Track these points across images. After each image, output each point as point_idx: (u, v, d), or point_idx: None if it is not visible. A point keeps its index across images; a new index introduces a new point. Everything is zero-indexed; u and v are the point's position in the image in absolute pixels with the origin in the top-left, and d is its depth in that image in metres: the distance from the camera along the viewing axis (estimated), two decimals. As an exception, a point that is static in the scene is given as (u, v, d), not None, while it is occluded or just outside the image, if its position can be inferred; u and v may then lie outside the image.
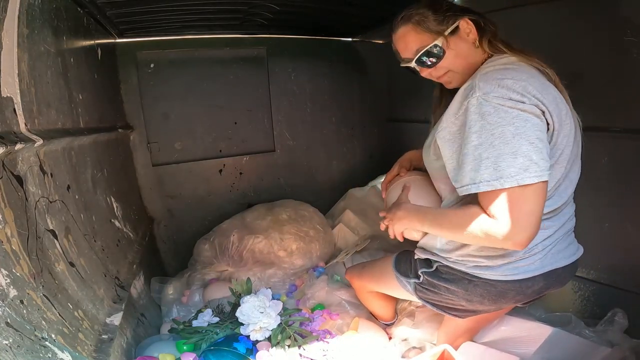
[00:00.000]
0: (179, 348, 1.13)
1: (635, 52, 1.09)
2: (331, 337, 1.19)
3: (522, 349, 1.15)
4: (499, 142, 0.74)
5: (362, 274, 1.24)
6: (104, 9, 1.38)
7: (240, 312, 1.18)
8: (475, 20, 0.87)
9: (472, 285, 0.94)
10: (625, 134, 1.16)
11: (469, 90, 0.79)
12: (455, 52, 0.88)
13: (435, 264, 0.99)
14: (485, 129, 0.75)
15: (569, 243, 0.96)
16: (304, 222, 1.83)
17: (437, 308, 1.04)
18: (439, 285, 0.99)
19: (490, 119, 0.74)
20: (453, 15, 0.86)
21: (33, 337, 0.64)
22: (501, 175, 0.73)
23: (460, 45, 0.88)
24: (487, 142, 0.75)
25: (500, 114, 0.74)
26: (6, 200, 0.69)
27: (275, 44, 2.09)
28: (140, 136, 1.91)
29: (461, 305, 0.99)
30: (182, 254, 1.94)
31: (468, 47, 0.88)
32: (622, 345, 1.08)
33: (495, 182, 0.74)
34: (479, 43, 0.87)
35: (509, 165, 0.73)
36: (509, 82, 0.75)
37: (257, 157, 2.17)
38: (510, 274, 0.90)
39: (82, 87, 1.23)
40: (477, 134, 0.76)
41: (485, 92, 0.76)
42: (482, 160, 0.75)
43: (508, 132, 0.73)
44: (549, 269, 0.90)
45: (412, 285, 1.05)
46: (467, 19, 0.86)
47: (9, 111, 0.75)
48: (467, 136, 0.78)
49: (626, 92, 1.14)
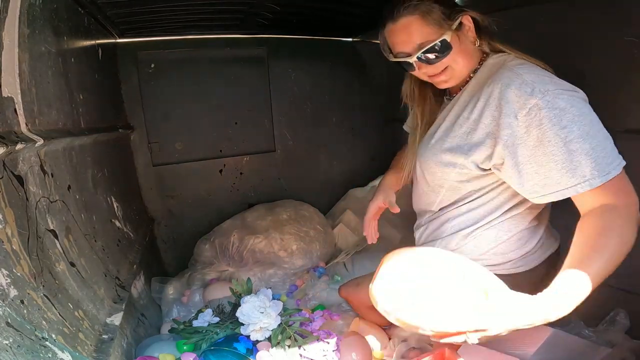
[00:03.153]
0: (179, 348, 1.13)
1: (635, 52, 1.09)
2: (331, 337, 1.19)
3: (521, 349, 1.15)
4: (594, 131, 0.71)
5: (358, 291, 1.18)
6: (105, 9, 1.38)
7: (240, 312, 1.18)
8: (475, 18, 0.85)
9: None
10: (625, 134, 1.15)
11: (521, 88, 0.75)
12: (459, 49, 0.85)
13: None
14: (575, 122, 0.71)
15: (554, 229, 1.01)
16: (305, 222, 1.84)
17: None
18: None
19: (574, 111, 0.71)
20: (459, 10, 0.84)
21: (33, 337, 0.64)
22: (613, 160, 0.71)
23: (464, 42, 0.85)
24: (584, 133, 0.70)
25: (575, 104, 0.72)
26: (7, 200, 0.69)
27: (275, 44, 2.09)
28: (141, 136, 1.91)
29: None
30: (183, 254, 1.94)
31: (469, 44, 0.86)
32: (622, 345, 1.08)
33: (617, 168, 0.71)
34: (478, 41, 0.87)
35: (613, 148, 0.72)
36: (554, 78, 0.76)
37: (258, 157, 2.17)
38: (523, 264, 0.91)
39: (82, 87, 1.23)
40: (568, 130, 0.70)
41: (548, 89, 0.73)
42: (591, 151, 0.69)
43: (594, 119, 0.72)
44: (550, 253, 0.95)
45: None
46: (468, 15, 0.84)
47: (10, 111, 0.75)
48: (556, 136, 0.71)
49: (626, 92, 1.14)
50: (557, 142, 0.71)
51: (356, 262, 1.71)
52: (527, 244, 0.93)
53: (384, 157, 2.40)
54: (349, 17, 1.82)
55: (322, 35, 2.17)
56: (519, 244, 0.92)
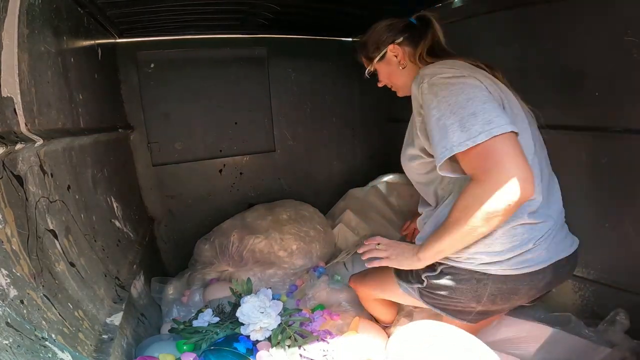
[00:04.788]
0: (179, 348, 1.13)
1: (635, 52, 1.09)
2: (331, 337, 1.19)
3: (522, 349, 1.15)
4: (457, 109, 0.79)
5: (364, 282, 1.22)
6: (105, 9, 1.38)
7: (240, 312, 1.18)
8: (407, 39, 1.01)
9: (481, 285, 0.92)
10: (625, 134, 1.16)
11: (418, 82, 0.88)
12: (387, 72, 1.07)
13: (440, 266, 0.96)
14: (441, 102, 0.81)
15: (566, 232, 1.00)
16: (304, 222, 1.83)
17: (447, 313, 1.01)
18: (446, 287, 0.96)
19: (443, 94, 0.81)
20: (384, 43, 1.03)
21: (33, 337, 0.64)
22: (469, 134, 0.76)
23: (390, 66, 1.05)
24: (446, 112, 0.80)
25: (449, 87, 0.82)
26: (6, 200, 0.69)
27: (275, 44, 2.09)
28: (141, 136, 1.91)
29: (471, 307, 0.97)
30: (182, 254, 1.94)
31: (396, 67, 1.04)
32: (622, 345, 1.08)
33: (468, 142, 0.76)
34: (409, 61, 1.02)
35: (472, 124, 0.77)
36: (447, 67, 0.86)
37: (258, 157, 2.17)
38: (521, 266, 0.89)
39: (82, 87, 1.23)
40: (436, 109, 0.82)
41: (431, 75, 0.85)
42: (447, 127, 0.79)
43: (462, 99, 0.79)
44: (556, 260, 0.92)
45: (417, 291, 1.02)
46: (394, 44, 1.01)
47: (9, 111, 0.75)
48: (427, 116, 0.84)
49: (626, 92, 1.14)
50: (432, 117, 0.82)
51: (356, 262, 1.71)
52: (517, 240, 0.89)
53: (383, 157, 2.40)
54: (349, 17, 1.82)
55: (322, 35, 2.18)
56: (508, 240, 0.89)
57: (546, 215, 0.92)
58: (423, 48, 0.99)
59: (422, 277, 0.99)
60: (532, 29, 1.39)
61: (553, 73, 1.34)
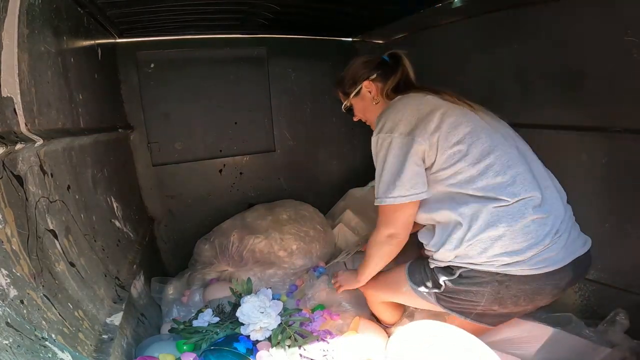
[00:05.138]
0: (179, 348, 1.13)
1: (635, 52, 1.09)
2: (331, 337, 1.19)
3: (522, 349, 1.15)
4: (382, 170, 0.97)
5: (375, 286, 1.21)
6: (104, 9, 1.38)
7: (240, 312, 1.18)
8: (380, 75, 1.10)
9: (503, 287, 0.92)
10: (625, 134, 1.16)
11: (375, 131, 1.02)
12: (361, 107, 1.17)
13: (458, 270, 0.95)
14: (378, 159, 0.99)
15: (578, 232, 1.02)
16: (304, 222, 1.83)
17: (467, 316, 1.00)
18: (466, 291, 0.96)
19: (380, 153, 0.98)
20: (360, 79, 1.12)
21: (33, 337, 0.64)
22: (377, 195, 0.99)
23: (364, 102, 1.15)
24: (378, 169, 0.99)
25: (383, 149, 0.97)
26: (6, 200, 0.69)
27: (275, 44, 2.09)
28: (141, 136, 1.91)
29: (493, 309, 0.97)
30: (182, 254, 1.94)
31: (370, 103, 1.14)
32: (622, 345, 1.08)
33: (376, 200, 0.99)
34: (380, 97, 1.12)
35: (383, 188, 0.97)
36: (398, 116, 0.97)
37: (257, 157, 2.17)
38: (542, 265, 0.90)
39: (82, 87, 1.23)
40: (375, 163, 1.00)
41: (379, 130, 0.99)
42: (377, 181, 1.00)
43: (387, 164, 0.96)
44: (574, 258, 0.94)
45: (434, 296, 1.01)
46: (368, 81, 1.11)
47: (9, 111, 0.75)
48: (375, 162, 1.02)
49: (626, 92, 1.14)
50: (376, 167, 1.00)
51: (356, 262, 1.70)
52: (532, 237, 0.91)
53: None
54: (349, 17, 1.82)
55: (322, 35, 2.18)
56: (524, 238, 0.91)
57: (549, 210, 0.94)
58: (390, 85, 1.09)
59: (439, 281, 0.98)
60: (531, 29, 1.39)
61: (553, 73, 1.34)
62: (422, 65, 2.02)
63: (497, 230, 0.90)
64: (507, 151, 0.96)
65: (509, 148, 0.98)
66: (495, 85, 1.58)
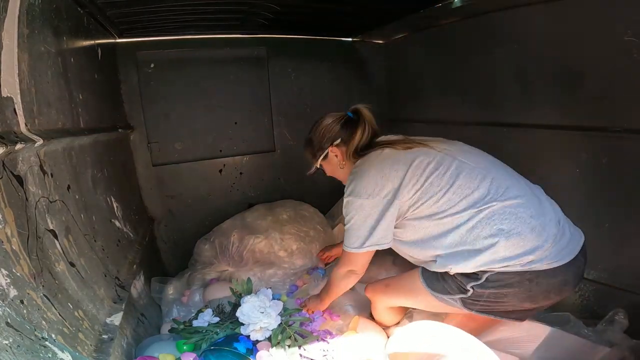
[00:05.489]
0: (179, 348, 1.13)
1: (635, 52, 1.09)
2: (331, 337, 1.19)
3: (520, 349, 1.15)
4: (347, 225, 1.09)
5: (386, 292, 1.21)
6: (104, 9, 1.38)
7: (240, 312, 1.18)
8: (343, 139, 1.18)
9: (534, 284, 0.94)
10: (625, 134, 1.16)
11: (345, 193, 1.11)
12: (330, 169, 1.26)
13: (485, 274, 0.96)
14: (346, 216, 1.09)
15: (573, 224, 1.06)
16: (305, 222, 1.83)
17: (496, 315, 1.02)
18: (496, 293, 0.96)
19: (350, 213, 1.08)
20: (326, 144, 1.20)
21: (33, 337, 0.64)
22: (347, 244, 1.11)
23: (332, 165, 1.24)
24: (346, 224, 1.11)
25: (351, 210, 1.07)
26: (6, 200, 0.69)
27: (275, 44, 2.09)
28: (141, 136, 1.91)
29: (523, 306, 0.99)
30: (182, 254, 1.94)
31: (337, 165, 1.23)
32: (621, 345, 1.08)
33: (344, 247, 1.13)
34: (346, 160, 1.19)
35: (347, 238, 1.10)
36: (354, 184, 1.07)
37: (257, 157, 2.17)
38: (563, 254, 0.94)
39: (82, 87, 1.23)
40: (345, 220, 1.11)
41: (348, 193, 1.08)
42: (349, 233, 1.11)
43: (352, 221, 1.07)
44: (580, 244, 1.00)
45: (459, 301, 1.02)
46: (333, 147, 1.19)
47: (9, 111, 0.75)
48: None
49: (626, 92, 1.14)
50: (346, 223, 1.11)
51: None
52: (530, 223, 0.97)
53: (383, 157, 2.40)
54: (349, 17, 1.82)
55: (322, 35, 2.18)
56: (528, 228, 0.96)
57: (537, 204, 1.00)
58: (353, 147, 1.16)
59: (466, 287, 0.99)
60: (532, 29, 1.39)
61: (553, 73, 1.34)
62: (422, 65, 2.03)
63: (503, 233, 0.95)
64: (473, 168, 1.02)
65: (474, 164, 1.03)
66: (495, 85, 1.58)
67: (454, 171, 1.01)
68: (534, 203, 0.99)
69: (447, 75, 1.84)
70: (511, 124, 1.53)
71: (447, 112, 1.85)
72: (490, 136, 1.63)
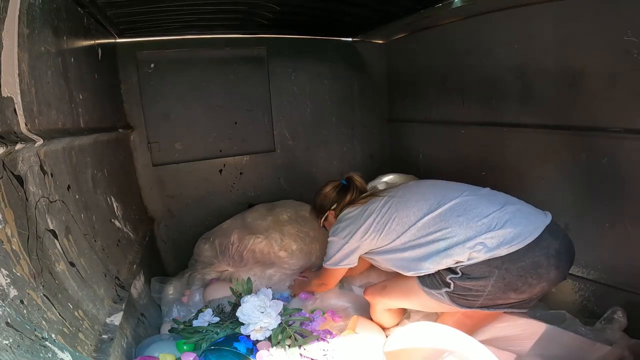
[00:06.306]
0: (179, 348, 1.13)
1: (635, 52, 1.09)
2: (331, 337, 1.19)
3: (517, 346, 1.15)
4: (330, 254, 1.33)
5: (385, 294, 1.26)
6: (104, 9, 1.38)
7: (240, 312, 1.18)
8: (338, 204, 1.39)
9: (504, 271, 1.00)
10: (625, 134, 1.16)
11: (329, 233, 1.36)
12: (327, 224, 1.46)
13: (457, 267, 1.04)
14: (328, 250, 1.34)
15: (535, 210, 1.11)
16: (305, 222, 1.83)
17: (491, 309, 1.07)
18: (474, 286, 1.02)
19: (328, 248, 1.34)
20: (325, 209, 1.43)
21: (33, 337, 0.64)
22: (326, 263, 1.34)
23: (328, 221, 1.46)
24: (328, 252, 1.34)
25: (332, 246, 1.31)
26: (6, 200, 0.69)
27: (275, 44, 2.09)
28: (141, 136, 1.91)
29: (509, 297, 1.04)
30: (182, 254, 1.94)
31: (332, 220, 1.42)
32: (620, 344, 1.08)
33: (324, 263, 1.35)
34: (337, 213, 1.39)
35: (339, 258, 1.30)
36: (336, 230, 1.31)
37: (257, 157, 2.17)
38: (521, 239, 0.99)
39: (82, 87, 1.23)
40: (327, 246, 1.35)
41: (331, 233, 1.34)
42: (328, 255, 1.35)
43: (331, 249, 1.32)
44: (543, 226, 1.04)
45: (446, 295, 1.07)
46: (330, 211, 1.42)
47: (9, 111, 0.75)
48: None
49: (626, 92, 1.14)
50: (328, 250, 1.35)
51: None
52: None
53: (383, 157, 2.40)
54: (349, 17, 1.82)
55: (322, 35, 2.18)
56: None
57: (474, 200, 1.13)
58: (342, 205, 1.38)
59: (447, 279, 1.05)
60: (531, 29, 1.39)
61: (553, 73, 1.34)
62: (422, 65, 2.03)
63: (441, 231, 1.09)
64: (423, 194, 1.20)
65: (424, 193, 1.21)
66: (495, 85, 1.58)
67: (414, 203, 1.19)
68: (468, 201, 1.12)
69: (447, 75, 1.84)
70: (511, 124, 1.54)
71: (447, 112, 1.85)
72: (490, 136, 1.63)
